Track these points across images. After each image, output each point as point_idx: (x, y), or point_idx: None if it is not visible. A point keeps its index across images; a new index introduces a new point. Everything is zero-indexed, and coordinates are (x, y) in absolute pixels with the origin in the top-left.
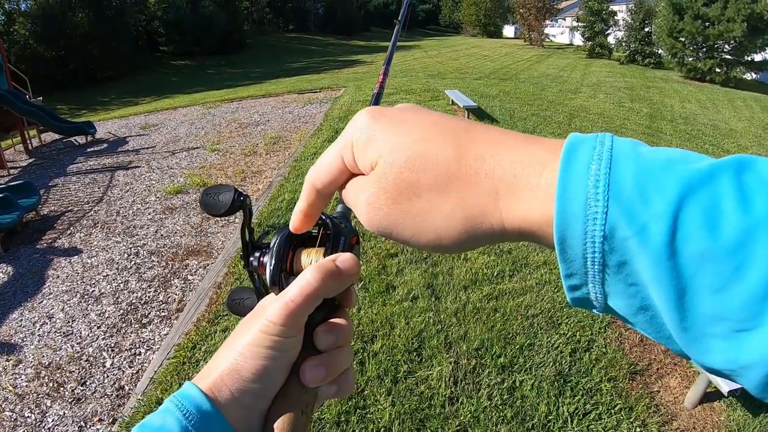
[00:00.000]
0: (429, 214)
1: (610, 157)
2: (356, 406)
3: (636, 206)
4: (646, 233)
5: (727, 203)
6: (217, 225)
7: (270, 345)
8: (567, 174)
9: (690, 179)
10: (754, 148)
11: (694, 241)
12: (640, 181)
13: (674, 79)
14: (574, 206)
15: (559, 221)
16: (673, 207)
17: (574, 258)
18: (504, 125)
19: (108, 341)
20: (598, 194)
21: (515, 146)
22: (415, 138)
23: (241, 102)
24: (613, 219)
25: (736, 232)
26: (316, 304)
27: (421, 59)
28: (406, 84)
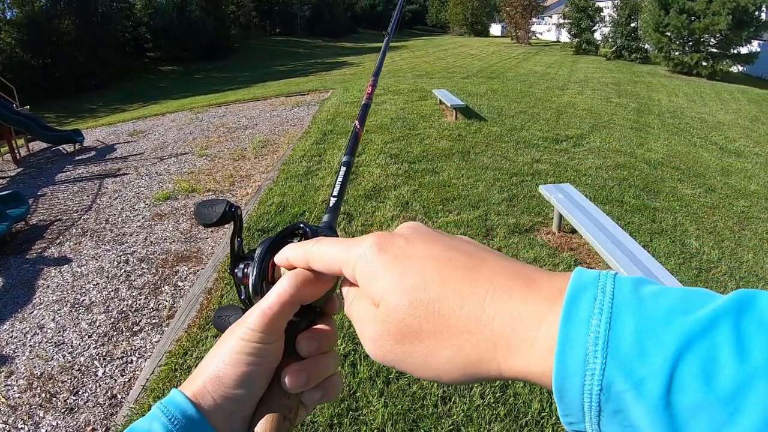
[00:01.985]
0: (429, 357)
1: (611, 310)
2: (349, 408)
3: (633, 363)
4: (642, 388)
5: (723, 353)
6: (206, 231)
7: (250, 352)
8: (567, 329)
9: (688, 332)
10: (742, 139)
11: (690, 393)
12: (639, 336)
13: (661, 74)
14: (572, 362)
15: (558, 376)
16: (670, 363)
17: (572, 404)
18: (492, 123)
19: (99, 350)
20: (597, 352)
21: (516, 293)
22: (416, 281)
23: (228, 106)
24: (611, 375)
25: (731, 383)
26: (294, 310)
27: (409, 59)
28: (393, 84)
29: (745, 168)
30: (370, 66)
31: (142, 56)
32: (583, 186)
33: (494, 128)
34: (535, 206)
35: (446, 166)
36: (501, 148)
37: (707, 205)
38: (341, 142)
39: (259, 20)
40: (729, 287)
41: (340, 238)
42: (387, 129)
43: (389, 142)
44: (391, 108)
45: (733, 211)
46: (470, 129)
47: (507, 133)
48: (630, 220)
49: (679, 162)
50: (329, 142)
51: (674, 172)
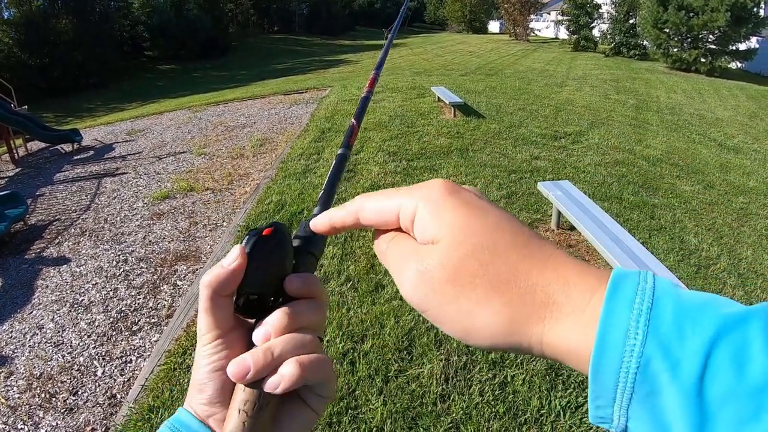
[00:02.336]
0: (478, 306)
1: (653, 294)
2: (348, 407)
3: (672, 342)
4: (678, 369)
5: (755, 346)
6: (205, 230)
7: (207, 354)
8: (612, 303)
9: (724, 321)
10: (741, 136)
11: (722, 381)
12: (679, 318)
13: (659, 70)
14: (614, 337)
15: (598, 348)
16: (707, 346)
17: (606, 383)
18: (490, 120)
19: (99, 350)
20: (639, 328)
21: (571, 267)
22: (488, 226)
23: (227, 105)
24: (650, 352)
25: (761, 375)
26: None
27: (407, 57)
28: (392, 82)
29: (744, 164)
30: (368, 63)
31: (140, 55)
32: (581, 183)
33: (493, 125)
34: (534, 203)
35: (445, 164)
36: (499, 145)
37: (706, 202)
38: (339, 140)
39: (257, 18)
40: (728, 283)
41: (391, 189)
42: (385, 126)
43: (388, 139)
44: (390, 105)
45: (732, 207)
46: (469, 126)
47: (505, 130)
48: (629, 217)
49: (678, 159)
50: (327, 140)
51: (673, 169)
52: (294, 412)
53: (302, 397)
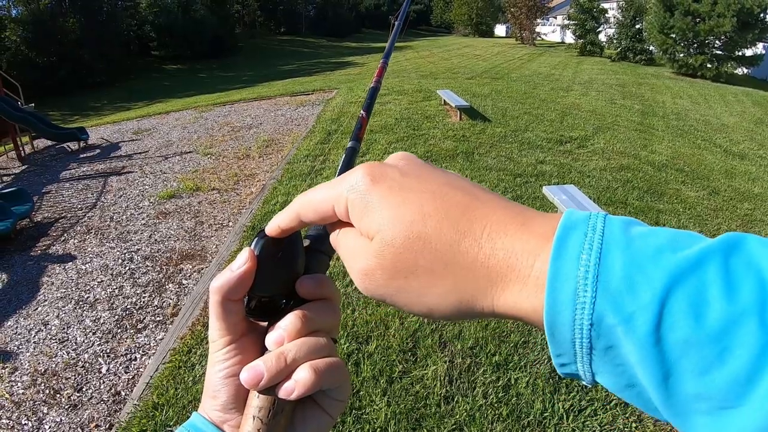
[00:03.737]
0: (422, 291)
1: (600, 246)
2: (352, 407)
3: (623, 297)
4: (632, 322)
5: (712, 291)
6: (210, 229)
7: (219, 360)
8: (557, 264)
9: (677, 268)
10: (747, 142)
11: (679, 329)
12: (629, 271)
13: (666, 76)
14: (563, 296)
15: (549, 310)
16: (659, 297)
17: (563, 342)
18: (496, 124)
19: (103, 347)
20: (587, 285)
21: (512, 231)
22: (414, 215)
23: (233, 105)
24: (601, 308)
25: (720, 320)
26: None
27: (413, 60)
28: (398, 85)
29: (750, 171)
30: (374, 66)
31: (147, 55)
32: (586, 187)
33: (498, 129)
34: (539, 207)
35: (450, 167)
36: (505, 148)
37: (711, 208)
38: (346, 142)
39: (264, 19)
40: None
41: (325, 182)
42: (391, 129)
43: (393, 142)
44: (396, 108)
45: (737, 213)
46: (474, 129)
47: (511, 134)
48: None
49: (683, 164)
50: (334, 142)
51: (678, 174)
52: (309, 417)
53: (317, 401)
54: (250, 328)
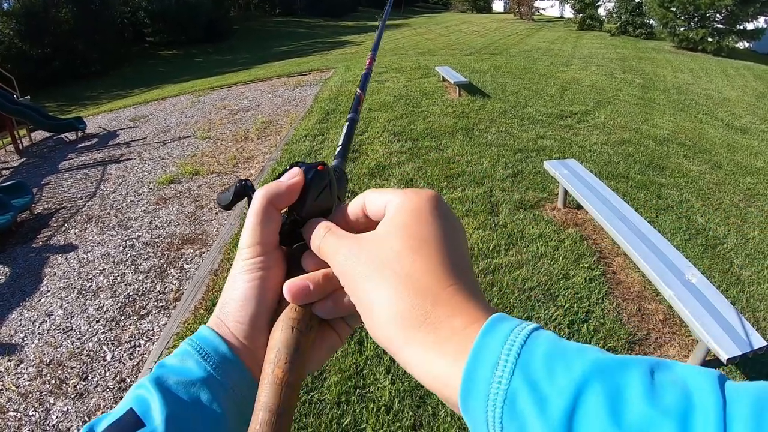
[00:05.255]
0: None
1: (530, 335)
2: (356, 386)
3: (541, 380)
4: (546, 405)
5: (632, 391)
6: (211, 213)
7: (246, 269)
8: (486, 337)
9: (600, 363)
10: (748, 116)
11: (592, 422)
12: (551, 356)
13: (666, 50)
14: (483, 369)
15: (467, 379)
16: (576, 385)
17: (477, 419)
18: (496, 100)
19: (107, 335)
20: (508, 361)
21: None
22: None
23: (230, 88)
24: (516, 385)
25: (637, 421)
26: (270, 215)
27: (411, 37)
28: (396, 62)
29: (752, 145)
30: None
31: (142, 41)
32: (588, 162)
33: (498, 105)
34: (540, 182)
35: (450, 143)
36: (505, 124)
37: (713, 182)
38: (344, 121)
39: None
40: (735, 263)
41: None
42: (390, 107)
43: (393, 119)
44: (394, 86)
45: (740, 188)
46: (474, 106)
47: (511, 110)
48: (635, 196)
49: (685, 138)
50: (332, 122)
51: (680, 148)
52: (326, 337)
53: (332, 325)
54: (277, 245)
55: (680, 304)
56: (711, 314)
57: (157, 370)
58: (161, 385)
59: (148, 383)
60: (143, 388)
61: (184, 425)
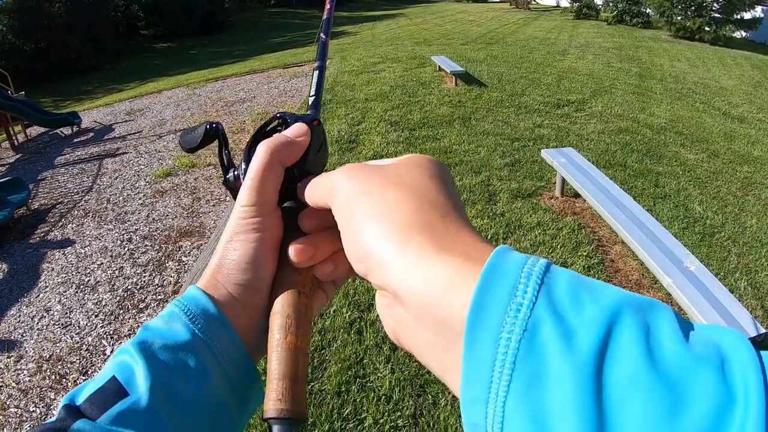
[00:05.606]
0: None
1: (547, 264)
2: (356, 375)
3: (566, 309)
4: (573, 339)
5: (665, 330)
6: (208, 205)
7: (248, 229)
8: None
9: (628, 299)
10: (746, 105)
11: (626, 362)
12: (575, 287)
13: (663, 39)
14: (498, 290)
15: (477, 300)
16: (607, 317)
17: (481, 358)
18: (492, 89)
19: (107, 329)
20: (529, 285)
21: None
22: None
23: (225, 80)
24: (539, 314)
25: (676, 362)
26: (276, 172)
27: (406, 27)
28: (391, 52)
29: (749, 134)
30: (366, 35)
31: (136, 35)
32: (585, 150)
33: (495, 94)
34: (538, 171)
35: (447, 133)
36: (502, 113)
37: (711, 171)
38: (341, 111)
39: None
40: (732, 251)
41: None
42: (386, 97)
43: (389, 109)
44: (390, 76)
45: (737, 176)
46: (470, 95)
47: (508, 99)
48: (633, 185)
49: (682, 127)
50: (328, 112)
51: (677, 137)
52: (316, 297)
53: (322, 286)
54: (277, 206)
55: (679, 291)
56: (709, 302)
57: (141, 333)
58: (146, 350)
59: (132, 348)
60: (126, 353)
61: (170, 392)
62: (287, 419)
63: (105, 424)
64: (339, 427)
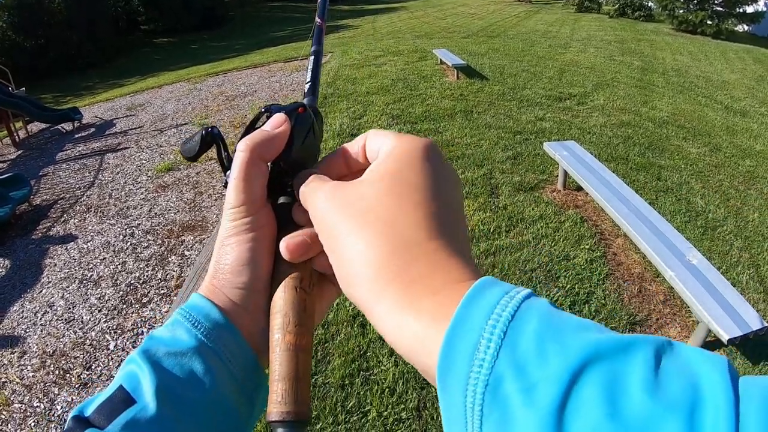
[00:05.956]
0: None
1: (518, 306)
2: (360, 368)
3: (529, 363)
4: (534, 393)
5: (635, 381)
6: (210, 199)
7: (238, 231)
8: (468, 308)
9: (599, 346)
10: (748, 99)
11: (587, 414)
12: (542, 336)
13: (665, 32)
14: (463, 348)
15: (444, 358)
16: (571, 371)
17: (455, 403)
18: (494, 82)
19: (110, 324)
20: (492, 340)
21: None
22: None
23: (226, 75)
24: (501, 369)
25: (639, 415)
26: (259, 169)
27: (407, 20)
28: (393, 46)
29: (751, 128)
30: (368, 29)
31: (136, 30)
32: (587, 144)
33: (496, 87)
34: (540, 164)
35: (449, 126)
36: (504, 106)
37: (713, 164)
38: (342, 105)
39: None
40: (734, 245)
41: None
42: (388, 90)
43: (391, 103)
44: (392, 69)
45: (739, 170)
46: (472, 88)
47: (509, 92)
48: (635, 178)
49: (684, 120)
50: (330, 106)
51: (679, 131)
52: (325, 290)
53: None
54: (266, 202)
55: (681, 285)
56: (712, 295)
57: (146, 342)
58: (150, 357)
59: (138, 357)
60: (133, 362)
61: (176, 397)
62: (290, 422)
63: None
64: (343, 420)
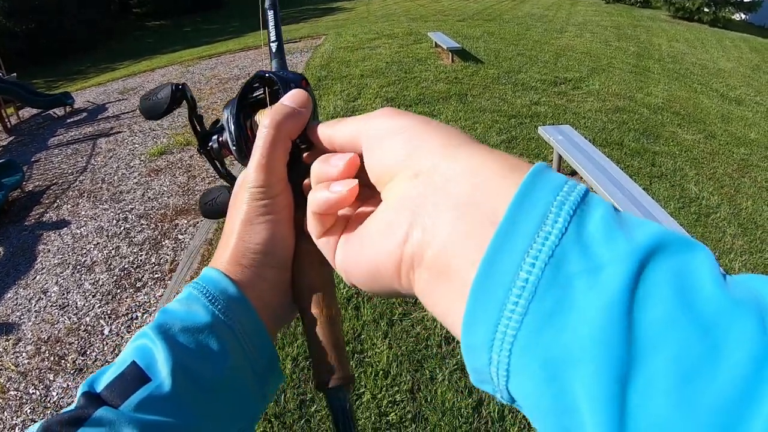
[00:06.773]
0: None
1: (584, 193)
2: (354, 351)
3: (597, 243)
4: (601, 273)
5: (704, 274)
6: (203, 183)
7: (264, 210)
8: (531, 185)
9: (667, 237)
10: (743, 87)
11: (658, 300)
12: (609, 221)
13: (662, 18)
14: (528, 221)
15: (507, 223)
16: (640, 253)
17: (499, 282)
18: (489, 66)
19: (104, 309)
20: (560, 215)
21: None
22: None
23: (219, 57)
24: (568, 245)
25: (712, 306)
26: (284, 147)
27: (402, 3)
28: (387, 28)
29: (746, 116)
30: (362, 11)
31: (128, 14)
32: (582, 128)
33: (491, 71)
34: (534, 148)
35: (444, 109)
36: (499, 90)
37: (707, 151)
38: (336, 87)
39: None
40: (728, 232)
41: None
42: (382, 73)
43: (385, 86)
44: (386, 52)
45: (733, 158)
46: (467, 72)
47: (504, 76)
48: (630, 164)
49: (680, 107)
50: (324, 88)
51: (674, 117)
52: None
53: None
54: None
55: None
56: None
57: (160, 317)
58: (165, 332)
59: (151, 332)
60: (146, 337)
61: (192, 375)
62: (343, 386)
63: (128, 411)
64: None
